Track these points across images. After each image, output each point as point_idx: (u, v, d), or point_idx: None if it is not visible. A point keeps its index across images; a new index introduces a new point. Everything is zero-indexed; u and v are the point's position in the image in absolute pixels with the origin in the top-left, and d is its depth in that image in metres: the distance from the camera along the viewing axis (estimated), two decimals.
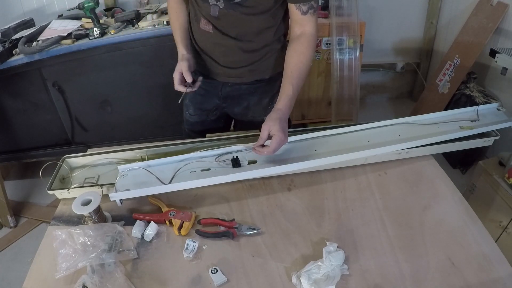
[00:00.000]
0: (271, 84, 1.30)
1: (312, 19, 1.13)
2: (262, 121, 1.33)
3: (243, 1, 1.08)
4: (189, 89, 1.18)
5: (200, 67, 1.29)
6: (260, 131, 1.04)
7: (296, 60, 1.13)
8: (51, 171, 1.09)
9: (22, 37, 2.05)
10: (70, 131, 2.33)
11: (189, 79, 1.16)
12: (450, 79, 2.53)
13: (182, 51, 1.21)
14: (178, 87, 1.17)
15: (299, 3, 1.09)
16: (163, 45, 2.08)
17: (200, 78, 1.21)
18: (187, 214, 0.97)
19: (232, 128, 1.54)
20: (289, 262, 0.87)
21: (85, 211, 0.90)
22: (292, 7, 1.11)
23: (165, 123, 2.37)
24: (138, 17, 2.17)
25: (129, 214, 1.00)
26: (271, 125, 1.01)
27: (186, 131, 1.50)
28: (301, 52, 1.13)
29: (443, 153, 2.36)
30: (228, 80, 1.29)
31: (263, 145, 1.03)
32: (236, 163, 1.04)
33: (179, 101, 1.24)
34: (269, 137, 1.02)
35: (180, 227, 0.94)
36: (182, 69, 1.15)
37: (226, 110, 1.39)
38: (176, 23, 1.25)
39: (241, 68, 1.25)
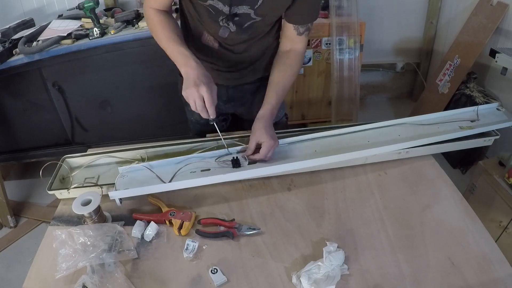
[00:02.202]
0: None
1: (305, 40, 1.16)
2: None
3: (251, 25, 1.09)
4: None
5: None
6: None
7: (283, 72, 1.15)
8: (51, 171, 1.09)
9: (22, 37, 2.05)
10: (70, 131, 2.33)
11: (212, 113, 0.99)
12: (450, 79, 2.53)
13: (195, 60, 1.01)
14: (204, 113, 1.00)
15: (298, 25, 1.11)
16: None
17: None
18: (187, 214, 0.97)
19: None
20: (289, 262, 0.87)
21: (85, 211, 0.90)
22: (289, 27, 1.12)
23: (165, 123, 2.37)
24: (138, 17, 2.17)
25: (129, 214, 1.00)
26: (258, 135, 1.04)
27: (193, 133, 1.47)
28: (289, 65, 1.16)
29: (443, 153, 2.36)
30: (229, 83, 1.29)
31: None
32: (236, 163, 1.04)
33: (210, 122, 1.03)
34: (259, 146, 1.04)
35: (180, 227, 0.94)
36: (206, 99, 0.96)
37: (233, 110, 1.39)
38: (171, 34, 1.06)
39: (243, 70, 1.25)
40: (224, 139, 1.11)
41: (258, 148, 1.05)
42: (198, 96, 0.96)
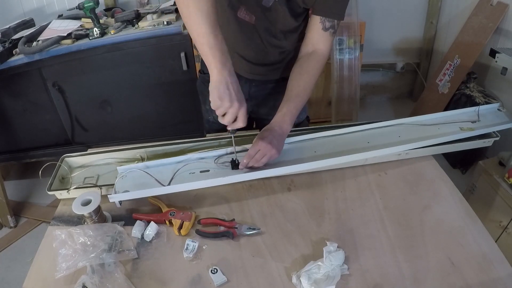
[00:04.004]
0: None
1: (329, 39, 1.10)
2: None
3: (285, 3, 1.04)
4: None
5: None
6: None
7: (304, 80, 1.09)
8: (51, 171, 1.09)
9: (22, 37, 2.05)
10: (70, 131, 2.33)
11: (241, 125, 0.93)
12: (450, 79, 2.53)
13: (229, 68, 0.89)
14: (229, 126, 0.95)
15: (325, 17, 1.06)
16: (163, 45, 2.08)
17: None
18: (187, 214, 0.97)
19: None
20: (289, 262, 0.87)
21: (85, 211, 0.90)
22: (316, 20, 1.07)
23: (165, 123, 2.37)
24: (138, 17, 2.17)
25: (129, 214, 1.00)
26: (265, 147, 0.98)
27: (207, 133, 1.38)
28: (309, 71, 1.10)
29: (443, 153, 2.36)
30: (254, 77, 1.22)
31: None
32: (235, 164, 1.04)
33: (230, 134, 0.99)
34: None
35: (180, 227, 0.94)
36: (240, 118, 0.90)
37: (250, 111, 1.31)
38: (208, 25, 0.87)
39: (269, 65, 1.20)
40: (224, 139, 1.09)
41: None
42: (232, 112, 0.90)
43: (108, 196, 0.97)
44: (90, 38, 2.02)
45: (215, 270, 0.84)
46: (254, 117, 1.38)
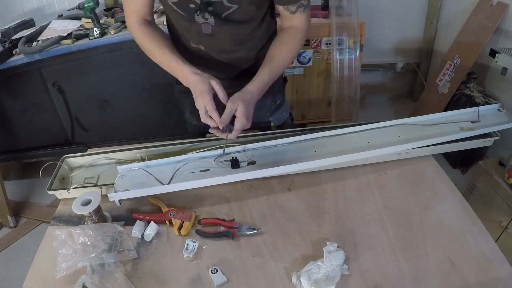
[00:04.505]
0: (271, 85, 1.28)
1: (302, 16, 1.08)
2: (268, 123, 1.30)
3: (231, 14, 1.04)
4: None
5: None
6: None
7: (280, 49, 1.09)
8: (51, 171, 1.09)
9: (22, 37, 2.05)
10: (70, 131, 2.33)
11: (216, 116, 0.96)
12: (450, 79, 2.53)
13: (191, 69, 1.00)
14: (208, 118, 0.97)
15: (287, 5, 1.06)
16: None
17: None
18: (187, 214, 0.97)
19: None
20: (289, 262, 0.87)
21: (85, 211, 0.90)
22: (280, 8, 1.08)
23: (165, 123, 2.37)
24: None
25: (129, 214, 1.00)
26: (240, 107, 0.97)
27: (190, 136, 1.42)
28: (286, 42, 1.09)
29: (443, 153, 2.36)
30: (230, 91, 1.25)
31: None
32: (235, 163, 1.04)
33: (223, 152, 1.04)
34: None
35: (180, 227, 0.94)
36: (207, 105, 0.95)
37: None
38: (163, 43, 1.05)
39: (241, 78, 1.19)
40: (221, 138, 1.10)
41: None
42: (201, 108, 0.96)
43: (108, 195, 0.97)
44: (90, 38, 2.02)
45: (215, 270, 0.84)
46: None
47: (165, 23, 2.06)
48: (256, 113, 1.29)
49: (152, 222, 0.95)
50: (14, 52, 2.04)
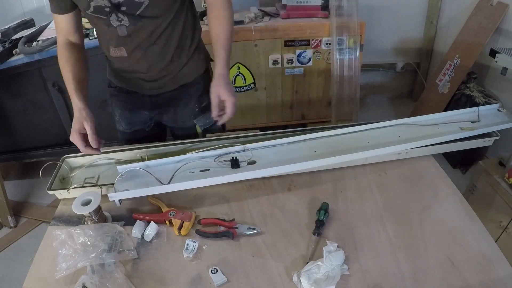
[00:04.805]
0: (195, 86, 1.29)
1: None
2: (193, 125, 1.34)
3: (144, 10, 1.04)
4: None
5: (122, 83, 1.28)
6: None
7: (217, 24, 1.14)
8: (51, 171, 1.09)
9: (22, 37, 2.05)
10: (70, 131, 2.33)
11: (95, 144, 1.04)
12: (450, 79, 2.53)
13: (78, 103, 1.07)
14: (86, 149, 1.05)
15: None
16: None
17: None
18: (187, 214, 0.97)
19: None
20: (289, 262, 0.87)
21: (85, 211, 0.90)
22: None
23: None
24: None
25: (129, 214, 1.00)
26: (221, 91, 1.09)
27: (121, 143, 1.46)
28: (218, 15, 1.14)
29: (443, 153, 2.36)
30: (152, 92, 1.27)
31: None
32: (235, 163, 1.04)
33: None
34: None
35: (180, 227, 0.94)
36: (88, 132, 1.03)
37: (158, 118, 1.37)
38: (68, 74, 1.12)
39: (163, 78, 1.23)
40: (223, 138, 1.12)
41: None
42: (75, 129, 1.05)
43: (108, 195, 0.97)
44: (90, 38, 2.02)
45: (215, 270, 0.85)
46: (166, 125, 1.43)
47: None
48: (181, 114, 1.33)
49: (152, 222, 0.95)
50: (14, 52, 2.04)
